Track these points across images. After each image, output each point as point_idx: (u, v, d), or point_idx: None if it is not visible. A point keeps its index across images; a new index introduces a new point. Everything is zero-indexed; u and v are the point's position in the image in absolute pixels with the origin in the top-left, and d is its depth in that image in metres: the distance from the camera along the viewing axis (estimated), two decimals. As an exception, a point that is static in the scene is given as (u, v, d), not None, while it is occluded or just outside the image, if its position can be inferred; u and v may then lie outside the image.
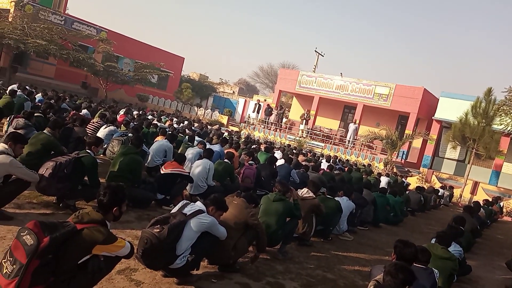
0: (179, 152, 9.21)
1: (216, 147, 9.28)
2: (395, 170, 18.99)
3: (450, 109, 21.03)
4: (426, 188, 13.39)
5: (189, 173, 6.22)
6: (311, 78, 26.11)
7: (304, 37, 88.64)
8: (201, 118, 26.19)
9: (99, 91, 27.27)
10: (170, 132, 8.63)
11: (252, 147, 11.78)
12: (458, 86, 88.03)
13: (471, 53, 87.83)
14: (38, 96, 13.22)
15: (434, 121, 22.29)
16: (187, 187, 6.38)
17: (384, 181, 16.01)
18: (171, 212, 3.71)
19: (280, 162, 10.60)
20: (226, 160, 7.11)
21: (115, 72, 25.02)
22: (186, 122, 18.95)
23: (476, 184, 17.94)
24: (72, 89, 24.48)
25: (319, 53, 37.05)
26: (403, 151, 22.57)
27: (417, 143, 23.21)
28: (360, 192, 7.64)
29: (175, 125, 15.56)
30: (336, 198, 6.57)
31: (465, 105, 18.27)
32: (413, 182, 19.16)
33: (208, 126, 20.43)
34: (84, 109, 13.01)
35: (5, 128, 6.73)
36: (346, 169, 14.57)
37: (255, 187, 7.86)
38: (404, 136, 20.29)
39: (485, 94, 16.93)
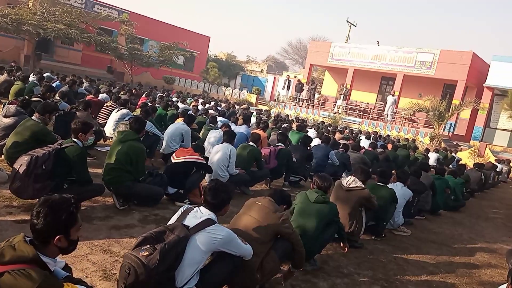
0: (200, 135, 8.22)
1: (242, 128, 8.18)
2: (443, 145, 17.16)
3: (504, 74, 18.76)
4: (485, 164, 11.69)
5: (207, 160, 5.13)
6: (344, 49, 24.21)
7: (334, 8, 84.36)
8: (228, 98, 25.11)
9: (124, 75, 26.73)
10: (188, 113, 7.55)
11: (283, 126, 10.53)
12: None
13: None
14: (56, 82, 12.55)
15: (485, 89, 20.02)
16: (206, 178, 5.32)
17: (433, 157, 14.40)
18: (168, 223, 2.62)
19: (315, 142, 9.36)
20: (251, 143, 5.95)
21: (139, 55, 24.26)
22: (212, 103, 17.97)
23: (538, 157, 15.86)
24: (98, 74, 24.03)
25: (351, 23, 34.68)
26: (450, 123, 20.57)
27: (465, 114, 21.05)
28: (417, 175, 6.29)
29: (200, 106, 14.61)
30: (389, 185, 5.30)
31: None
32: (464, 157, 17.29)
33: (236, 106, 19.32)
34: (103, 93, 12.26)
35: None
36: (388, 146, 13.07)
37: (287, 172, 6.71)
38: (452, 107, 18.28)
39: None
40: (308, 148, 7.50)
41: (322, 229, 3.60)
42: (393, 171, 12.01)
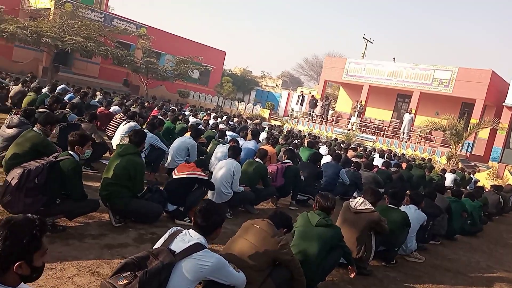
0: (208, 149, 8.07)
1: (250, 144, 8.00)
2: (460, 165, 16.62)
3: (525, 94, 18.19)
4: (504, 186, 11.19)
5: (210, 176, 4.95)
6: (359, 66, 24.00)
7: (350, 25, 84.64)
8: (241, 113, 25.07)
9: (140, 88, 27.05)
10: (195, 127, 7.42)
11: (293, 142, 10.31)
12: None
13: None
14: (70, 94, 12.67)
15: (504, 108, 19.42)
16: (208, 195, 5.13)
17: (449, 178, 13.92)
18: (154, 247, 2.43)
19: (326, 159, 9.10)
20: (257, 159, 5.75)
21: (155, 68, 24.55)
22: (224, 117, 17.92)
23: (561, 180, 15.17)
24: (114, 87, 24.40)
25: (367, 40, 34.55)
26: (468, 143, 19.96)
27: (483, 134, 20.47)
28: (432, 197, 5.97)
29: (211, 121, 14.53)
30: (402, 208, 5.01)
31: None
32: (482, 178, 16.70)
33: (248, 121, 19.21)
34: (115, 105, 12.30)
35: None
36: (403, 165, 12.70)
37: (295, 190, 6.47)
38: (470, 126, 17.76)
39: None
40: (318, 166, 7.25)
41: (325, 255, 3.35)
42: (407, 191, 11.69)
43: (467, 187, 15.37)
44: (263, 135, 11.67)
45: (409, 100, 22.04)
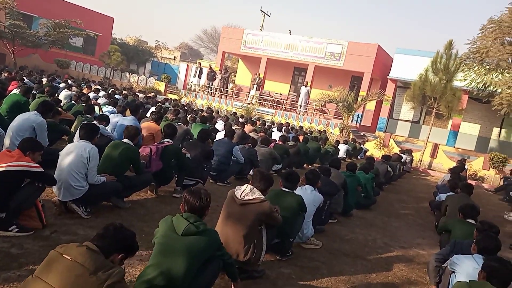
0: (72, 128, 6.54)
1: (127, 120, 6.66)
2: (352, 136, 17.35)
3: (406, 67, 19.62)
4: (391, 156, 11.71)
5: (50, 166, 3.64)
6: (257, 37, 23.45)
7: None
8: (134, 86, 22.82)
9: (6, 57, 22.82)
10: (43, 100, 5.82)
11: (184, 117, 9.17)
12: (414, 42, 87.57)
13: (430, 4, 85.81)
14: None
15: (389, 81, 20.83)
16: (54, 190, 3.82)
17: (342, 149, 14.31)
18: None
19: (222, 135, 8.24)
20: (125, 139, 4.54)
21: (23, 33, 20.76)
22: (111, 91, 15.86)
23: (436, 147, 16.79)
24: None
25: (265, 13, 34.35)
26: (358, 115, 21.08)
27: (370, 105, 21.76)
28: (328, 174, 5.48)
29: (92, 94, 12.56)
30: (297, 190, 4.36)
31: (422, 62, 16.79)
32: (370, 147, 17.72)
33: (139, 95, 17.37)
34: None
35: None
36: (300, 138, 12.54)
37: (180, 175, 5.45)
38: (359, 98, 18.60)
39: (446, 48, 15.40)
40: (209, 143, 6.31)
41: (197, 273, 2.43)
42: (305, 164, 11.58)
43: (358, 157, 16.14)
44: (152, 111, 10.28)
45: (305, 74, 22.33)
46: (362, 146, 16.72)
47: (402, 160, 13.26)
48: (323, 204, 4.85)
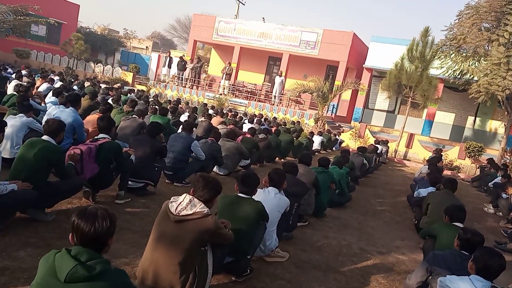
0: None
1: (65, 113, 5.76)
2: (327, 127, 16.81)
3: (381, 56, 19.18)
4: (367, 147, 11.18)
5: None
6: (229, 25, 22.52)
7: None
8: (99, 76, 21.52)
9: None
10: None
11: (140, 109, 8.25)
12: (390, 30, 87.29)
13: None
14: None
15: (364, 70, 20.38)
16: None
17: (317, 141, 13.74)
18: None
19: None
20: (45, 137, 3.68)
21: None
22: (73, 82, 14.73)
23: (411, 136, 16.47)
24: None
25: (239, 1, 33.28)
26: (333, 105, 20.60)
27: (346, 95, 21.30)
28: (294, 172, 4.77)
29: (45, 85, 11.46)
30: (258, 194, 3.64)
31: (398, 51, 16.35)
32: (346, 138, 17.27)
33: (102, 85, 16.22)
34: None
35: None
36: (273, 129, 11.85)
37: (123, 177, 4.63)
38: (335, 88, 18.05)
39: (422, 35, 14.97)
40: (160, 139, 5.50)
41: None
42: (277, 158, 10.91)
43: (333, 148, 15.63)
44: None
45: (279, 63, 21.61)
46: (337, 137, 16.22)
47: (378, 151, 12.80)
48: (290, 207, 4.16)
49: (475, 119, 19.28)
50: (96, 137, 4.36)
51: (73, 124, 5.65)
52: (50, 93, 8.62)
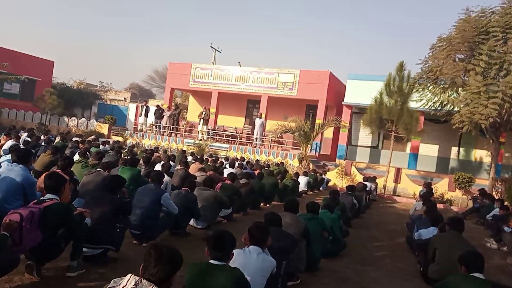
0: None
1: (13, 172, 5.00)
2: (312, 167, 16.27)
3: (360, 93, 19.20)
4: (356, 186, 10.61)
5: None
6: (206, 71, 22.46)
7: (200, 35, 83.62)
8: (73, 130, 20.76)
9: None
10: None
11: (106, 162, 7.52)
12: (365, 68, 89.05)
13: (379, 30, 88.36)
14: None
15: (344, 107, 20.30)
16: None
17: (303, 182, 13.11)
18: None
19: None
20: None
21: None
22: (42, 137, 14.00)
23: (398, 171, 16.06)
24: None
25: (215, 49, 33.70)
26: (316, 143, 20.23)
27: (328, 133, 21.06)
28: (278, 224, 4.07)
29: (10, 142, 10.70)
30: (237, 255, 2.93)
31: (375, 86, 16.29)
32: (332, 177, 16.70)
33: (75, 139, 15.44)
34: None
35: None
36: (256, 172, 11.22)
37: (75, 245, 3.84)
38: (316, 126, 17.76)
39: (397, 69, 15.04)
40: (121, 194, 4.75)
41: None
42: (262, 204, 10.18)
43: (321, 188, 15.02)
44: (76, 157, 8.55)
45: (259, 105, 21.43)
46: (323, 176, 15.65)
47: (367, 189, 12.23)
48: (277, 268, 3.45)
49: (458, 149, 19.15)
50: (42, 198, 3.62)
51: (23, 184, 4.89)
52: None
